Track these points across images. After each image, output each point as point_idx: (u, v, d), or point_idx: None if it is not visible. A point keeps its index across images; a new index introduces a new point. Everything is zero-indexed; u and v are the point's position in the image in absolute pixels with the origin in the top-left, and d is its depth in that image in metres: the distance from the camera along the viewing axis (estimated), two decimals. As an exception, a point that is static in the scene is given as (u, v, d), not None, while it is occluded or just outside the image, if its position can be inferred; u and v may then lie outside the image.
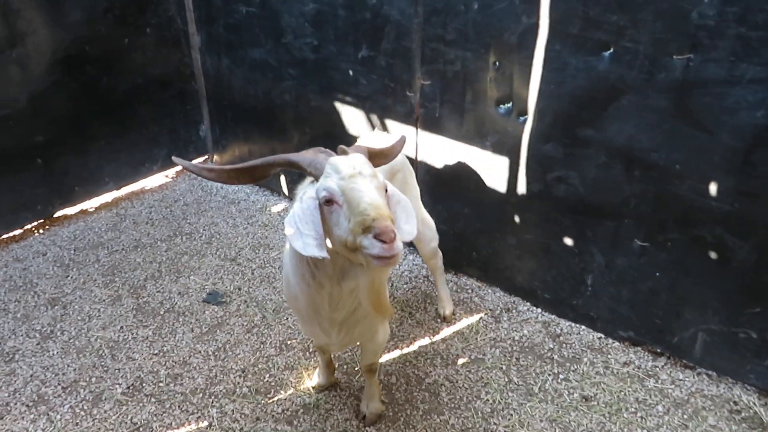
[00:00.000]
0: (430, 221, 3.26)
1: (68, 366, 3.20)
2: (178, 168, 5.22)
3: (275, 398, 2.99)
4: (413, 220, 1.97)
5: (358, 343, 2.66)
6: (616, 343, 3.25)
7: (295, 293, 2.23)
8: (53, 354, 3.28)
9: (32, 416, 2.91)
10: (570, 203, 3.14)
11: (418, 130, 3.59)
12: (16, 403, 2.97)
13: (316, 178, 1.88)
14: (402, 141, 2.36)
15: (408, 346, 3.29)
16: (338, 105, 3.98)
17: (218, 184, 4.99)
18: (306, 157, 1.92)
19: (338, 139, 3.93)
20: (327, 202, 1.80)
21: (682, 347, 3.06)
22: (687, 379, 3.02)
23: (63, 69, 4.23)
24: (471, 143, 3.38)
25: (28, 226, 4.40)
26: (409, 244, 3.97)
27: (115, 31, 4.44)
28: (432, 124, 3.51)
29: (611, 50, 2.72)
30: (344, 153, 1.92)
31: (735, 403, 2.87)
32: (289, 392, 3.02)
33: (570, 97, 2.92)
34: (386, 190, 1.89)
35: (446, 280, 3.74)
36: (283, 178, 4.68)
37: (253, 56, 4.36)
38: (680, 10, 2.48)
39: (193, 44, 4.83)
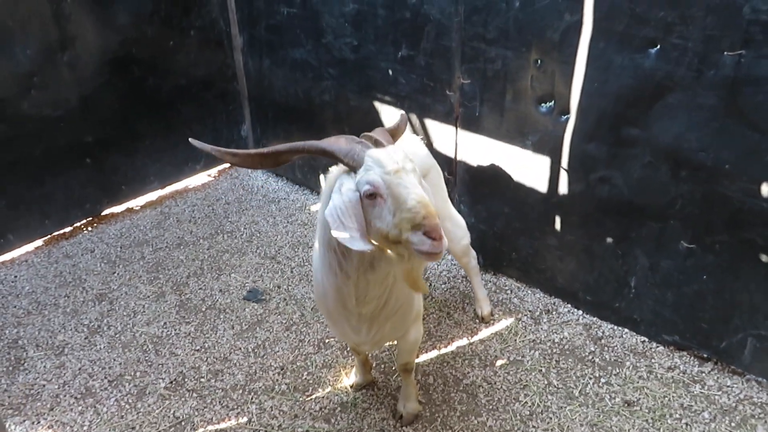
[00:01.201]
0: (460, 219, 3.23)
1: (114, 360, 3.29)
2: (220, 167, 5.32)
3: (313, 396, 3.02)
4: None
5: (395, 342, 2.66)
6: (661, 347, 3.17)
7: (323, 290, 2.22)
8: (100, 348, 3.38)
9: (80, 408, 3.00)
10: (613, 204, 3.08)
11: (458, 129, 3.57)
12: (65, 395, 3.08)
13: (353, 170, 1.86)
14: (404, 119, 2.29)
15: (446, 347, 3.27)
16: (377, 104, 3.99)
17: (259, 183, 5.07)
18: (342, 147, 1.90)
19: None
20: (369, 196, 1.79)
21: (730, 353, 2.96)
22: (735, 385, 2.92)
23: (111, 70, 4.35)
24: (511, 142, 3.34)
25: (78, 224, 4.54)
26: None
27: (160, 33, 4.54)
28: (472, 124, 3.48)
29: (658, 47, 2.65)
30: (376, 143, 1.91)
31: (787, 412, 2.76)
32: (327, 390, 3.04)
33: (614, 95, 2.86)
34: None
35: (485, 280, 3.71)
36: (322, 177, 4.72)
37: (294, 56, 4.40)
38: (732, 5, 2.40)
39: (235, 45, 4.91)
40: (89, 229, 4.54)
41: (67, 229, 4.49)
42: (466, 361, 3.17)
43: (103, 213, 4.66)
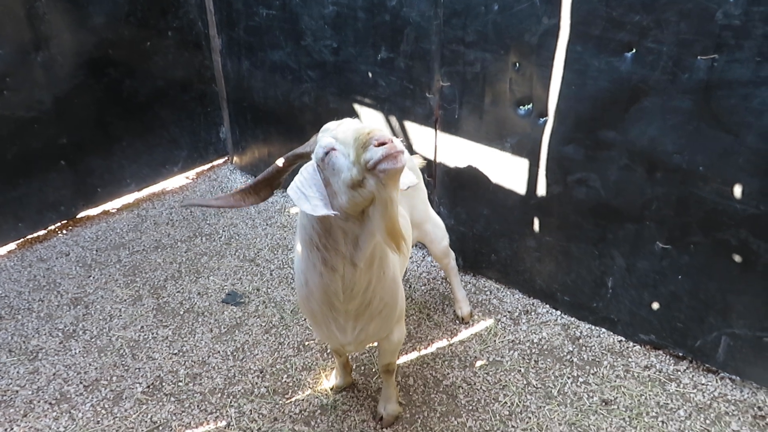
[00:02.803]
0: (439, 220, 3.27)
1: (90, 365, 3.24)
2: (198, 169, 5.27)
3: (293, 399, 3.00)
4: (410, 173, 2.04)
5: (375, 344, 2.66)
6: (637, 347, 3.21)
7: (307, 292, 2.23)
8: (75, 353, 3.32)
9: (55, 414, 2.95)
10: (591, 205, 3.12)
11: (438, 131, 3.58)
12: (39, 401, 3.02)
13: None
14: None
15: (426, 348, 3.28)
16: (357, 107, 3.99)
17: (238, 185, 5.03)
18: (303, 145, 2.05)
19: (357, 140, 3.95)
20: (326, 156, 1.86)
21: (704, 351, 3.02)
22: (710, 383, 2.97)
23: (86, 72, 4.30)
24: (490, 145, 3.37)
25: (52, 227, 4.47)
26: (421, 245, 3.98)
27: (137, 35, 4.49)
28: (451, 126, 3.50)
29: (634, 51, 2.69)
30: None
31: (759, 408, 2.82)
32: (307, 393, 3.03)
33: (591, 98, 2.90)
34: None
35: (465, 281, 3.73)
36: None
37: (273, 59, 4.38)
38: (705, 10, 2.45)
39: (213, 47, 4.88)
40: (64, 232, 4.46)
41: (41, 232, 4.41)
42: (446, 362, 3.18)
43: (79, 216, 4.59)
